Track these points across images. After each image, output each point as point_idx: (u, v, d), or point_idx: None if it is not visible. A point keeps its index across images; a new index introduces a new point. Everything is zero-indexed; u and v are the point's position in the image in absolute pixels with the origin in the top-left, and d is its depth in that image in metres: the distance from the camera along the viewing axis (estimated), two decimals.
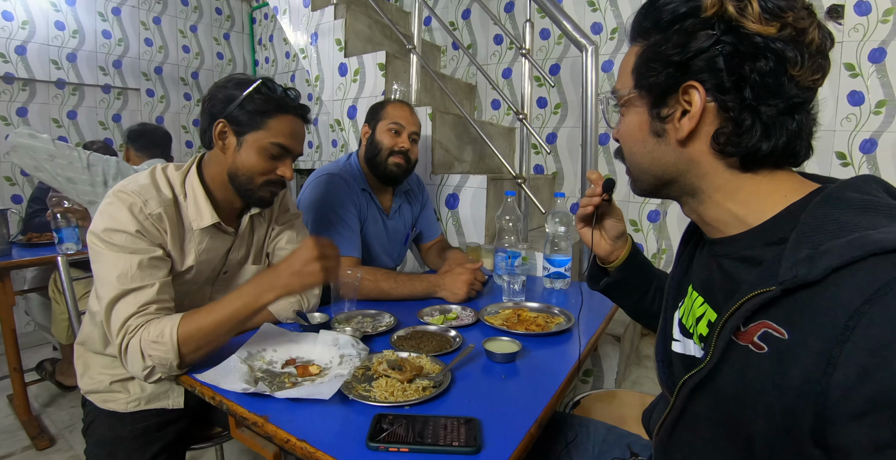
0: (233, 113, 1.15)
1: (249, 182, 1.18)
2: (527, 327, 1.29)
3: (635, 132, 0.71)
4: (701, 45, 0.60)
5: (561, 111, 2.84)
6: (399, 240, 1.90)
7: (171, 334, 1.00)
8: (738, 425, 0.58)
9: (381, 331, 1.26)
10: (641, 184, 0.76)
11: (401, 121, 1.75)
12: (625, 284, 1.08)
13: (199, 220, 1.18)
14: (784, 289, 0.52)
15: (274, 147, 1.16)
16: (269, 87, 1.16)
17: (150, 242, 1.10)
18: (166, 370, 1.02)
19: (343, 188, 1.68)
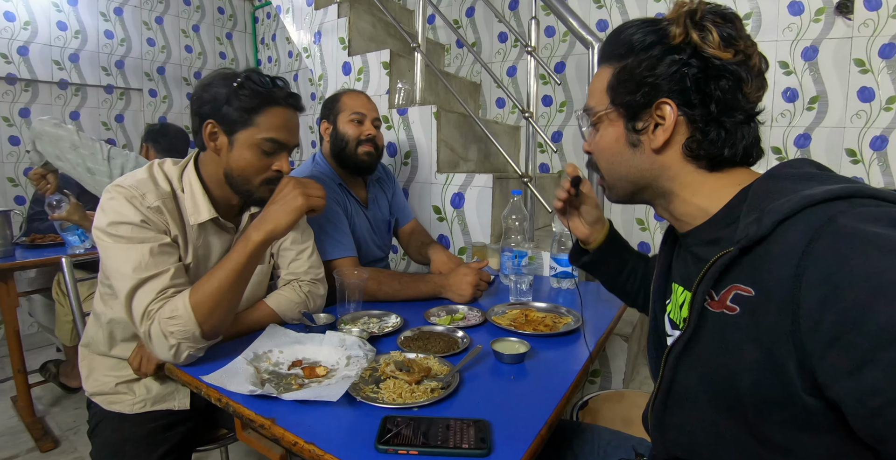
0: (220, 112, 1.11)
1: (247, 182, 1.16)
2: (535, 328, 1.27)
3: (612, 144, 0.79)
4: (671, 67, 0.71)
5: (566, 109, 2.82)
6: (383, 230, 1.90)
7: (185, 305, 1.02)
8: (725, 389, 0.63)
9: (388, 331, 1.25)
10: (618, 191, 0.84)
11: (361, 110, 1.74)
12: (601, 263, 1.21)
13: (197, 215, 1.17)
14: (741, 247, 0.60)
15: (266, 143, 1.13)
16: (254, 81, 1.12)
17: (157, 230, 1.10)
18: (191, 342, 1.03)
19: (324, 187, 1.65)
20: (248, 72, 1.13)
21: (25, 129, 3.37)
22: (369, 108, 1.77)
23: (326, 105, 1.80)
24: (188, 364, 1.06)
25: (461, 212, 2.08)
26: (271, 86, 1.14)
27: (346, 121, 1.73)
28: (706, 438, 0.68)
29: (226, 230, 1.24)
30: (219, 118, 1.12)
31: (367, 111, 1.75)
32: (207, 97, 1.12)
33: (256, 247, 1.07)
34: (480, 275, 1.55)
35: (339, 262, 1.56)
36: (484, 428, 0.82)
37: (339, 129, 1.73)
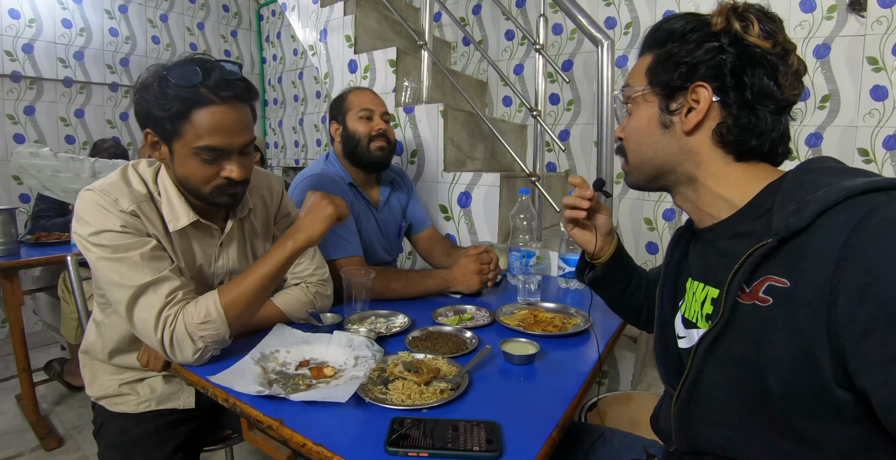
0: (151, 120, 1.00)
1: (196, 191, 1.07)
2: (543, 328, 1.26)
3: (644, 124, 0.80)
4: (709, 52, 0.72)
5: (574, 108, 2.80)
6: (392, 233, 1.88)
7: (217, 309, 1.01)
8: (755, 381, 0.62)
9: (395, 331, 1.23)
10: (639, 175, 0.85)
11: (368, 106, 1.72)
12: (610, 278, 1.11)
13: (175, 221, 1.10)
14: (780, 239, 0.60)
15: (202, 151, 1.00)
16: (172, 79, 0.95)
17: (140, 234, 1.04)
18: (218, 344, 1.04)
19: (330, 187, 1.64)
20: (173, 66, 0.98)
21: (31, 127, 3.37)
22: (376, 102, 1.75)
23: (333, 106, 1.79)
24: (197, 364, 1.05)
25: (468, 211, 2.06)
26: (199, 79, 0.96)
27: (355, 119, 1.71)
28: (731, 431, 0.68)
29: (210, 232, 1.19)
30: (152, 127, 1.02)
31: (374, 106, 1.73)
32: (141, 103, 1.00)
33: (292, 254, 1.09)
34: (481, 260, 1.53)
35: (345, 262, 1.55)
36: (494, 430, 0.80)
37: (349, 128, 1.72)
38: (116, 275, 1.00)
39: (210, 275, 1.21)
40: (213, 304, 1.02)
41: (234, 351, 1.08)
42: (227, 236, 1.21)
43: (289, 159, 4.45)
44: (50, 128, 3.43)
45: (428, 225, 1.98)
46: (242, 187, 1.11)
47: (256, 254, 1.30)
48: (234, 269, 1.24)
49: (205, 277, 1.21)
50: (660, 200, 2.54)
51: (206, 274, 1.21)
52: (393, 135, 1.77)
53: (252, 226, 1.29)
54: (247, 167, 1.09)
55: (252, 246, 1.30)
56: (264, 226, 1.32)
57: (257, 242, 1.31)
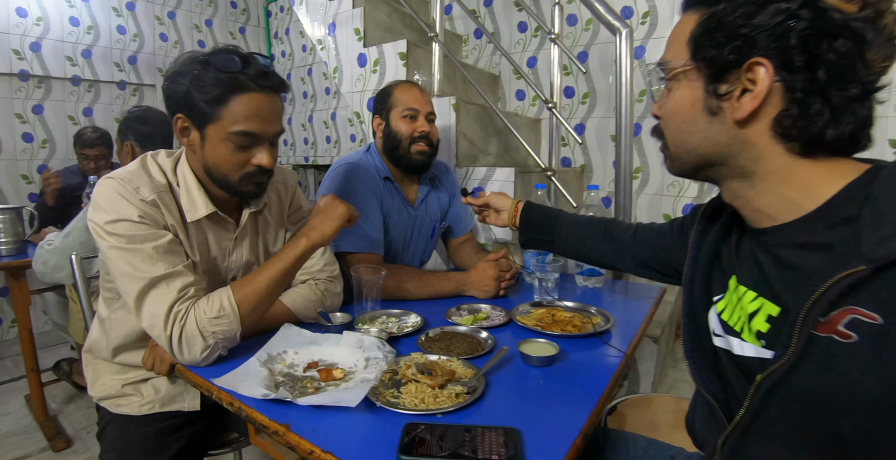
0: (187, 104, 1.00)
1: (225, 178, 1.07)
2: (562, 328, 1.20)
3: (686, 108, 0.68)
4: (773, 18, 0.57)
5: (589, 101, 2.73)
6: (425, 235, 1.80)
7: (231, 303, 0.99)
8: (824, 426, 0.55)
9: (408, 331, 1.18)
10: (682, 164, 0.73)
11: (414, 105, 1.65)
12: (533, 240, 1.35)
13: (194, 211, 1.09)
14: (877, 267, 0.49)
15: (238, 137, 1.02)
16: (216, 65, 0.98)
17: (157, 226, 1.03)
18: (228, 341, 1.01)
19: (364, 178, 1.59)
20: (213, 53, 1.00)
21: (39, 126, 3.36)
22: (423, 101, 1.67)
23: (378, 99, 1.72)
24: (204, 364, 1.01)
25: None
26: (239, 67, 0.99)
27: (398, 118, 1.65)
28: None
29: (225, 225, 1.17)
30: (186, 111, 1.02)
31: (420, 106, 1.66)
32: (174, 87, 1.01)
33: (305, 251, 1.08)
34: (500, 266, 1.48)
35: (359, 258, 1.50)
36: (514, 437, 0.75)
37: (391, 126, 1.65)
38: (129, 266, 0.98)
39: (224, 268, 1.19)
40: (226, 299, 0.99)
41: (240, 352, 1.04)
42: (242, 230, 1.19)
43: (298, 157, 4.41)
44: (58, 127, 3.42)
45: (469, 229, 1.90)
46: (268, 177, 1.12)
47: (269, 249, 1.28)
48: (248, 263, 1.22)
49: (218, 270, 1.18)
50: (680, 195, 2.46)
51: (220, 267, 1.18)
52: (436, 136, 1.70)
53: (266, 220, 1.27)
54: (274, 157, 1.10)
55: (265, 240, 1.27)
56: (278, 220, 1.30)
57: (270, 236, 1.28)
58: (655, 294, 1.56)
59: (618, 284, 1.69)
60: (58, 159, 3.40)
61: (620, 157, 1.70)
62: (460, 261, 1.83)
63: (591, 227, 1.27)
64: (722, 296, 0.76)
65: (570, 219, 1.31)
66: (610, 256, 1.24)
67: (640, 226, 1.20)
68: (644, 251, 1.16)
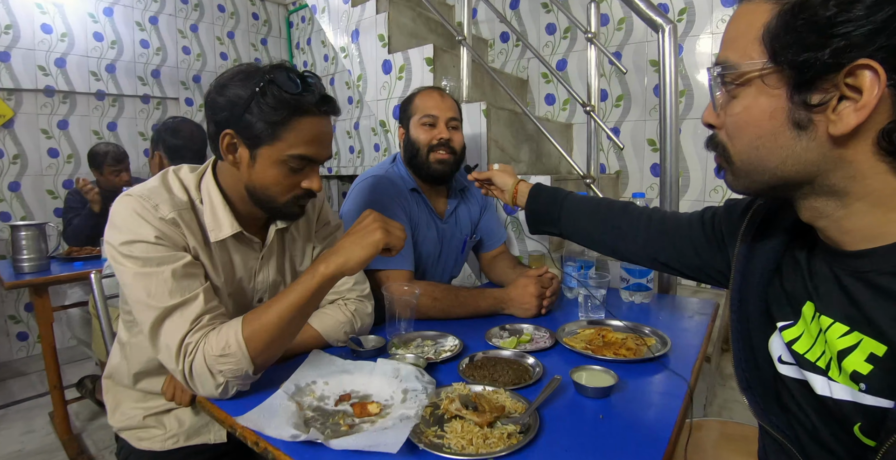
0: (240, 121, 0.94)
1: (272, 200, 1.01)
2: (615, 351, 1.09)
3: (763, 120, 0.57)
4: (885, 9, 0.46)
5: (623, 104, 2.61)
6: (455, 249, 1.70)
7: (238, 341, 0.88)
8: None
9: (446, 357, 1.08)
10: (751, 184, 0.63)
11: (433, 112, 1.55)
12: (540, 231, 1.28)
13: (218, 231, 1.02)
14: None
15: (295, 160, 0.97)
16: (279, 85, 0.91)
17: (175, 247, 0.95)
18: (241, 380, 0.91)
19: (390, 191, 1.50)
20: (273, 71, 0.93)
21: (64, 141, 3.36)
22: (442, 107, 1.57)
23: (402, 108, 1.65)
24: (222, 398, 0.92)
25: (515, 218, 1.90)
26: (301, 90, 0.93)
27: (417, 126, 1.56)
28: None
29: (251, 245, 1.09)
30: (238, 128, 0.95)
31: (439, 112, 1.56)
32: (224, 102, 0.94)
33: (324, 280, 0.93)
34: (542, 283, 1.38)
35: (390, 275, 1.41)
36: None
37: (411, 135, 1.58)
38: (144, 292, 0.90)
39: (250, 289, 1.11)
40: (233, 335, 0.89)
41: (265, 381, 0.95)
42: (269, 248, 1.11)
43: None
44: (83, 142, 3.41)
45: (502, 241, 1.79)
46: (312, 199, 1.09)
47: (296, 268, 1.20)
48: (275, 283, 1.15)
49: (244, 292, 1.11)
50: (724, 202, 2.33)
51: (246, 289, 1.11)
52: (460, 143, 1.60)
53: (292, 236, 1.19)
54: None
55: (291, 258, 1.19)
56: (305, 235, 1.22)
57: (297, 254, 1.20)
58: (710, 310, 1.44)
59: (666, 299, 1.57)
60: (83, 174, 3.39)
61: (665, 162, 1.59)
62: (496, 277, 1.72)
63: (597, 220, 1.16)
64: (792, 323, 0.66)
65: (574, 209, 1.20)
66: (622, 253, 1.14)
67: (654, 216, 1.07)
68: (663, 248, 1.04)
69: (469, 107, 1.97)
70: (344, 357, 1.04)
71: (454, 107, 1.61)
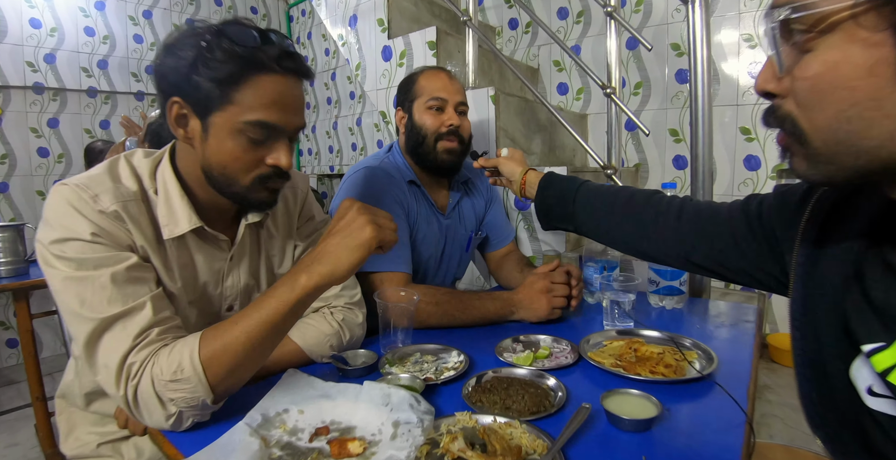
0: (187, 85, 0.78)
1: (232, 182, 0.83)
2: (652, 369, 0.91)
3: (856, 81, 0.42)
4: None
5: (643, 91, 2.43)
6: (459, 247, 1.53)
7: (193, 364, 0.72)
8: None
9: (448, 377, 0.90)
10: (840, 173, 0.47)
11: (440, 94, 1.38)
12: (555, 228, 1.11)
13: (173, 226, 0.85)
14: None
15: (254, 128, 0.79)
16: (230, 37, 0.76)
17: (116, 246, 0.78)
18: (198, 410, 0.74)
19: (385, 183, 1.33)
20: (225, 24, 0.78)
21: (55, 140, 3.23)
22: (451, 90, 1.40)
23: (401, 89, 1.46)
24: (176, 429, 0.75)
25: (527, 214, 1.72)
26: (257, 42, 0.77)
27: (423, 110, 1.39)
28: None
29: (217, 244, 0.92)
30: (186, 93, 0.79)
31: (448, 95, 1.38)
32: (170, 65, 0.79)
33: (306, 294, 0.76)
34: (552, 278, 1.20)
35: (383, 278, 1.23)
36: None
37: (414, 119, 1.39)
38: (77, 300, 0.73)
39: (217, 296, 0.94)
40: (188, 356, 0.73)
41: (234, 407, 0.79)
42: (239, 247, 0.94)
43: (323, 166, 4.21)
44: (74, 141, 3.28)
45: (510, 240, 1.61)
46: (284, 182, 0.88)
47: (273, 269, 1.02)
48: (247, 288, 0.97)
49: (210, 300, 0.93)
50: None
51: (212, 295, 0.93)
52: (468, 130, 1.43)
53: (269, 233, 1.01)
54: (292, 158, 0.87)
55: (268, 258, 1.01)
56: (285, 232, 1.04)
57: (275, 253, 1.03)
58: (752, 317, 1.25)
59: (699, 304, 1.39)
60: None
61: (698, 151, 1.40)
62: (503, 279, 1.54)
63: (616, 214, 0.97)
64: (884, 345, 0.49)
65: (590, 201, 1.03)
66: (647, 252, 0.95)
67: (685, 208, 0.89)
68: (697, 246, 0.85)
69: (476, 93, 1.80)
70: (325, 378, 0.87)
71: (462, 90, 1.43)
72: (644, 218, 0.92)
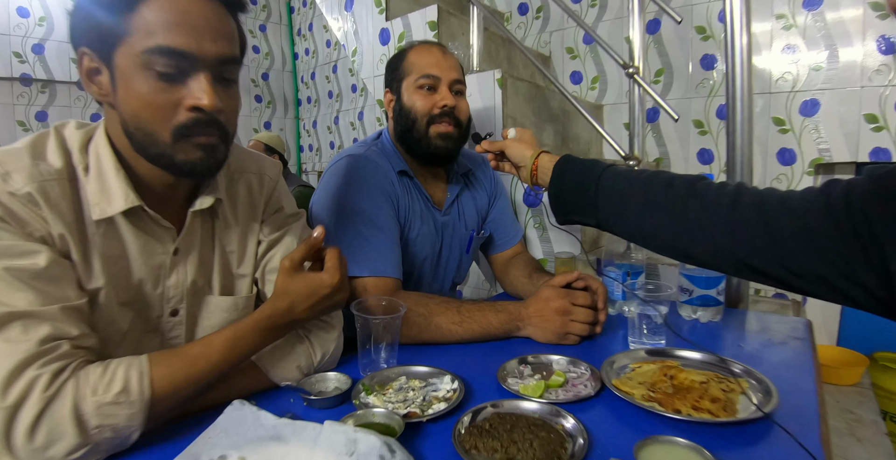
0: (88, 26, 0.65)
1: (151, 138, 0.67)
2: (695, 403, 0.72)
3: None
4: None
5: (664, 79, 2.23)
6: (458, 247, 1.34)
7: (142, 385, 0.62)
8: None
9: (437, 412, 0.71)
10: None
11: (432, 71, 1.19)
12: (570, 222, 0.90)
13: (105, 204, 0.69)
14: None
15: (158, 57, 0.63)
16: None
17: (24, 236, 0.63)
18: (117, 444, 0.62)
19: (370, 172, 1.14)
20: None
21: None
22: (444, 66, 1.20)
23: (389, 67, 1.28)
24: None
25: (538, 211, 1.53)
26: None
27: (412, 90, 1.20)
28: None
29: (157, 232, 0.75)
30: (89, 39, 0.66)
31: (440, 71, 1.19)
32: (75, 15, 0.67)
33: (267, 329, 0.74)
34: (573, 299, 1.01)
35: (366, 284, 1.05)
36: None
37: (403, 101, 1.21)
38: None
39: (157, 298, 0.77)
40: (136, 376, 0.62)
41: (151, 445, 0.63)
42: (186, 237, 0.78)
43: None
44: None
45: (517, 240, 1.42)
46: (222, 137, 0.71)
47: (231, 268, 0.85)
48: (196, 288, 0.80)
49: (148, 302, 0.76)
50: None
51: (150, 297, 0.76)
52: (465, 112, 1.25)
53: (226, 223, 0.84)
54: (228, 101, 0.70)
55: (224, 254, 0.84)
56: (246, 223, 0.86)
57: (232, 248, 0.85)
58: (804, 333, 1.06)
59: (737, 316, 1.19)
60: None
61: (736, 141, 1.21)
62: (510, 285, 1.35)
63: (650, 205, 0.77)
64: None
65: (616, 189, 0.82)
66: (689, 253, 0.75)
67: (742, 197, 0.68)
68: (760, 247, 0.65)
69: (481, 76, 1.61)
70: (285, 410, 0.69)
71: (458, 67, 1.24)
72: (687, 210, 0.72)
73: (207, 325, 0.81)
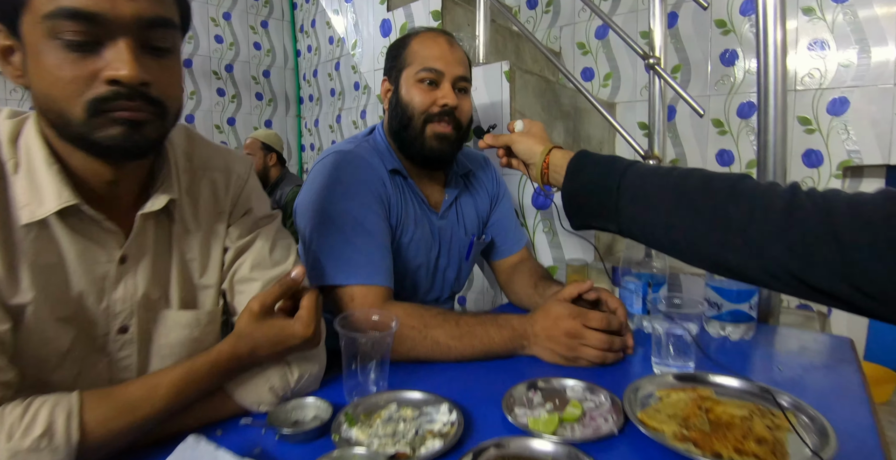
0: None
1: (65, 117, 0.56)
2: (738, 445, 0.60)
3: None
4: None
5: (681, 75, 2.12)
6: (457, 254, 1.22)
7: (69, 429, 0.53)
8: None
9: (431, 452, 0.60)
10: None
11: (435, 65, 1.07)
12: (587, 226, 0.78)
13: (35, 205, 0.59)
14: None
15: (63, 22, 0.53)
16: None
17: None
18: None
19: (361, 170, 1.04)
20: None
21: None
22: (450, 59, 1.09)
23: (390, 54, 1.16)
24: None
25: (548, 214, 1.42)
26: None
27: (411, 83, 1.09)
28: None
29: (100, 237, 0.65)
30: (2, 13, 0.57)
31: (445, 66, 1.08)
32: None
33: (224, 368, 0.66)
34: (585, 320, 0.89)
35: (357, 293, 0.94)
36: None
37: (400, 94, 1.10)
38: None
39: (101, 313, 0.66)
40: (63, 417, 0.53)
41: None
42: (135, 243, 0.67)
43: None
44: None
45: (522, 246, 1.30)
46: (150, 108, 0.59)
47: (191, 277, 0.74)
48: (147, 301, 0.69)
49: (91, 319, 0.65)
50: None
51: (94, 312, 0.65)
52: (467, 113, 1.13)
53: (184, 226, 0.73)
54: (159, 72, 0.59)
55: (182, 261, 0.73)
56: (209, 225, 0.75)
57: (192, 255, 0.74)
58: (848, 354, 0.94)
59: (768, 333, 1.07)
60: None
61: (768, 140, 1.10)
62: (514, 295, 1.23)
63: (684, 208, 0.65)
64: None
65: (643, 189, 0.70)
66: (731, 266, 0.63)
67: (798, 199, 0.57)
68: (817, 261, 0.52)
69: (487, 69, 1.51)
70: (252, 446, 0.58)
71: (465, 61, 1.13)
72: (729, 215, 0.61)
73: (164, 343, 0.70)
